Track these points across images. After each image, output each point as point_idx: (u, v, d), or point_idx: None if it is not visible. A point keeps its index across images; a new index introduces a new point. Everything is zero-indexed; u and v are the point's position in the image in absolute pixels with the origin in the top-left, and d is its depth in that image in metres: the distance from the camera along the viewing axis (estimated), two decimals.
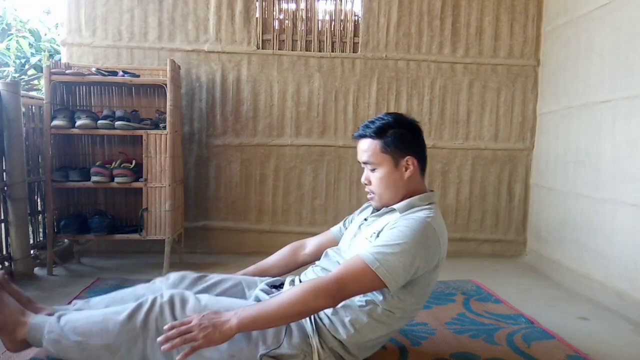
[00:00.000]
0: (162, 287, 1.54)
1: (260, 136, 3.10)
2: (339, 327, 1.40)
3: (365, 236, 1.46)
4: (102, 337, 1.33)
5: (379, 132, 1.44)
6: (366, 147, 1.46)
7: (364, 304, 1.40)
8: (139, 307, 1.36)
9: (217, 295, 1.53)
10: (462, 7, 3.12)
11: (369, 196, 1.52)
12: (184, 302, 1.38)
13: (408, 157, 1.45)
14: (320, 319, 1.43)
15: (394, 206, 1.46)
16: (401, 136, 1.44)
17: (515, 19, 3.15)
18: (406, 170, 1.45)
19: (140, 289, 1.58)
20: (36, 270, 2.62)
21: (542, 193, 3.07)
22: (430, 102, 3.16)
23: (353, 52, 3.12)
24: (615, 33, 2.36)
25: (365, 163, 1.48)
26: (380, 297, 1.39)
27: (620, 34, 2.32)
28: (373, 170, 1.47)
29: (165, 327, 1.25)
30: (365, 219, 1.55)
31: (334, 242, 1.70)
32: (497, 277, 2.77)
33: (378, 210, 1.52)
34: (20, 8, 5.28)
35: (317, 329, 1.41)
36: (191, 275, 1.60)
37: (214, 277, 1.62)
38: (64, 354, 1.37)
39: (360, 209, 1.69)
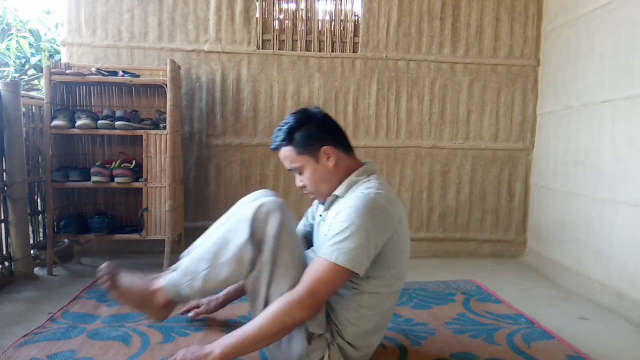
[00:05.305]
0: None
1: (260, 136, 3.10)
2: (339, 325, 1.43)
3: (325, 233, 1.45)
4: (231, 241, 1.38)
5: (287, 138, 1.46)
6: (284, 156, 1.49)
7: (349, 297, 1.41)
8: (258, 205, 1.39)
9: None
10: (462, 7, 3.12)
11: (310, 196, 1.55)
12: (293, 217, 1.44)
13: (323, 148, 1.45)
14: (328, 315, 1.44)
15: (335, 192, 1.47)
16: (308, 133, 1.45)
17: (515, 19, 3.15)
18: (328, 160, 1.46)
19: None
20: (36, 270, 2.62)
21: (542, 193, 3.07)
22: (430, 102, 3.16)
23: (353, 52, 3.12)
24: (615, 33, 2.36)
25: (291, 170, 1.50)
26: (362, 285, 1.40)
27: (620, 34, 2.32)
28: (301, 173, 1.49)
29: None
30: (320, 215, 1.57)
31: (302, 238, 1.71)
32: (497, 277, 2.77)
33: (324, 204, 1.54)
34: (20, 8, 5.28)
35: (328, 324, 1.44)
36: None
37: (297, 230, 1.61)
38: (203, 289, 1.42)
39: (315, 204, 1.70)
